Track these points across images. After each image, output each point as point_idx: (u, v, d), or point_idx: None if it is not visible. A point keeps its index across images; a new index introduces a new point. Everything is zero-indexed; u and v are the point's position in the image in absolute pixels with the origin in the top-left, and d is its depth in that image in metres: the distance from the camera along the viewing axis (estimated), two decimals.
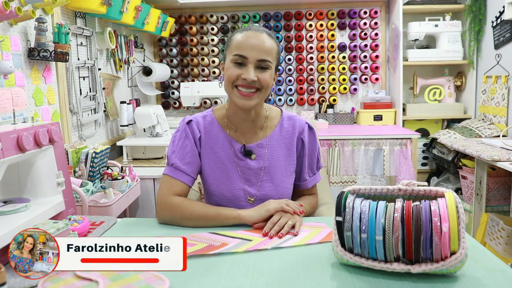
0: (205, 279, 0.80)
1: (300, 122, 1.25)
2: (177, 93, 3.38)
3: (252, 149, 1.21)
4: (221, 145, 1.21)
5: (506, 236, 2.02)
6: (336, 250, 0.84)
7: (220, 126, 1.22)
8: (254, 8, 3.32)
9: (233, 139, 1.21)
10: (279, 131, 1.24)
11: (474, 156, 2.15)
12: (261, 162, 1.21)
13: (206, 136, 1.21)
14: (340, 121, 3.31)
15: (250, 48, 1.09)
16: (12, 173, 1.05)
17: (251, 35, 1.11)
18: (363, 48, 3.31)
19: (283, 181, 1.22)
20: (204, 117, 1.23)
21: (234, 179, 1.20)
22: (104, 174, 1.83)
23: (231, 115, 1.22)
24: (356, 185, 0.90)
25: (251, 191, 1.20)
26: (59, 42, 1.74)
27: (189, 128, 1.20)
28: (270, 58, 1.11)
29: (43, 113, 1.78)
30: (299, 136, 1.24)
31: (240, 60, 1.10)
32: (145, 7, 2.50)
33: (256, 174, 1.20)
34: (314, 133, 1.28)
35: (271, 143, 1.22)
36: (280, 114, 1.27)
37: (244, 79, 1.09)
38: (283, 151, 1.23)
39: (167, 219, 1.13)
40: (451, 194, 0.80)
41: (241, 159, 1.20)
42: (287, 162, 1.23)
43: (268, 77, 1.11)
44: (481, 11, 2.92)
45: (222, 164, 1.20)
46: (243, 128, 1.22)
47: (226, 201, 1.20)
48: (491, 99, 2.81)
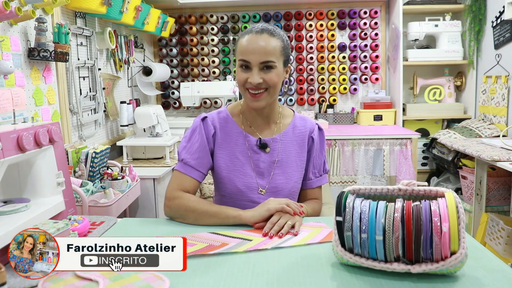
0: (205, 279, 0.80)
1: (311, 123, 1.32)
2: (177, 93, 3.38)
3: (267, 142, 1.25)
4: (235, 140, 1.25)
5: (506, 236, 2.02)
6: (336, 250, 0.84)
7: (234, 122, 1.26)
8: (254, 8, 3.32)
9: (247, 133, 1.25)
10: (292, 129, 1.29)
11: (474, 156, 2.15)
12: (275, 155, 1.25)
13: (221, 132, 1.25)
14: (340, 121, 3.31)
15: (251, 52, 1.13)
16: (12, 173, 1.05)
17: (251, 39, 1.14)
18: (363, 48, 3.31)
19: (294, 175, 1.26)
20: (219, 113, 1.28)
21: (247, 172, 1.23)
22: (104, 174, 1.83)
23: (246, 112, 1.27)
24: (356, 185, 0.90)
25: (262, 183, 1.23)
26: (59, 42, 1.74)
27: (204, 125, 1.24)
28: (273, 58, 1.14)
29: (43, 113, 1.78)
30: (309, 135, 1.29)
31: (245, 64, 1.15)
32: (145, 7, 2.50)
33: (269, 167, 1.24)
34: (323, 134, 1.33)
35: (284, 139, 1.27)
36: (293, 114, 1.33)
37: (250, 82, 1.14)
38: (295, 148, 1.27)
39: (172, 212, 1.15)
40: (451, 194, 0.80)
41: (255, 153, 1.24)
42: (299, 158, 1.27)
43: (274, 76, 1.15)
44: (481, 11, 2.92)
45: (236, 158, 1.23)
46: (258, 123, 1.27)
47: (239, 193, 1.22)
48: (491, 99, 2.81)
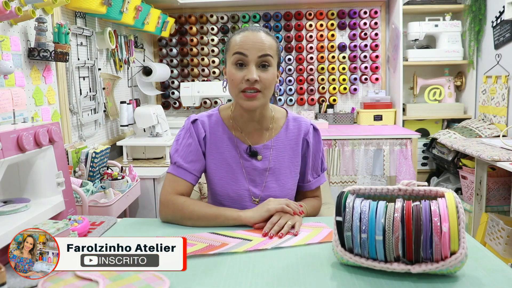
0: (205, 279, 0.80)
1: (305, 123, 1.25)
2: (177, 93, 3.38)
3: (258, 150, 1.20)
4: (226, 146, 1.20)
5: (506, 236, 2.02)
6: (336, 250, 0.84)
7: (225, 127, 1.21)
8: (254, 8, 3.32)
9: (238, 140, 1.21)
10: (284, 132, 1.23)
11: (474, 156, 2.15)
12: (267, 163, 1.21)
13: (211, 136, 1.21)
14: (340, 121, 3.31)
15: (250, 46, 1.08)
16: (12, 173, 1.05)
17: (248, 34, 1.11)
18: (363, 48, 3.31)
19: (288, 182, 1.22)
20: (209, 117, 1.23)
21: (239, 180, 1.19)
22: (104, 174, 1.83)
23: (237, 117, 1.21)
24: (356, 185, 0.90)
25: (255, 191, 1.20)
26: (59, 42, 1.74)
27: (194, 127, 1.20)
28: (271, 52, 1.10)
29: (43, 113, 1.78)
30: (304, 137, 1.24)
31: (241, 59, 1.09)
32: (145, 7, 2.50)
33: (261, 175, 1.20)
34: (319, 134, 1.27)
35: (276, 144, 1.22)
36: (286, 115, 1.26)
37: (248, 79, 1.08)
38: (288, 153, 1.23)
39: (168, 218, 1.13)
40: (451, 194, 0.80)
41: (246, 160, 1.20)
42: (292, 164, 1.23)
43: (270, 76, 1.10)
44: (481, 11, 2.92)
45: (227, 164, 1.20)
46: (248, 129, 1.22)
47: (231, 201, 1.20)
48: (491, 99, 2.81)
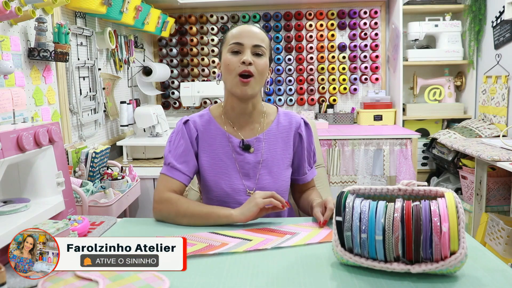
0: (205, 279, 0.80)
1: (296, 118, 1.30)
2: (177, 93, 3.38)
3: (250, 143, 1.24)
4: (219, 142, 1.23)
5: (506, 236, 2.02)
6: (336, 250, 0.84)
7: (217, 123, 1.25)
8: (254, 8, 3.32)
9: (230, 135, 1.24)
10: (276, 126, 1.27)
11: (474, 156, 2.15)
12: (259, 155, 1.24)
13: (204, 135, 1.24)
14: (340, 121, 3.31)
15: (245, 36, 1.16)
16: (12, 173, 1.05)
17: (244, 27, 1.19)
18: (363, 48, 3.31)
19: (281, 174, 1.25)
20: (201, 116, 1.27)
21: (232, 174, 1.22)
22: (104, 174, 1.83)
23: (229, 111, 1.25)
24: (356, 185, 0.90)
25: (249, 185, 1.23)
26: (59, 42, 1.74)
27: (186, 128, 1.23)
28: (264, 45, 1.17)
29: (43, 113, 1.78)
30: (296, 131, 1.28)
31: (237, 47, 1.15)
32: (145, 7, 2.50)
33: (254, 168, 1.23)
34: (310, 128, 1.33)
35: (268, 137, 1.26)
36: (276, 111, 1.31)
37: (243, 62, 1.13)
38: (280, 145, 1.27)
39: (163, 214, 1.14)
40: (451, 194, 0.80)
41: (239, 154, 1.23)
42: (284, 156, 1.27)
43: (263, 63, 1.16)
44: (481, 11, 2.92)
45: (221, 160, 1.23)
46: (240, 123, 1.25)
47: (226, 196, 1.21)
48: (491, 99, 2.81)
